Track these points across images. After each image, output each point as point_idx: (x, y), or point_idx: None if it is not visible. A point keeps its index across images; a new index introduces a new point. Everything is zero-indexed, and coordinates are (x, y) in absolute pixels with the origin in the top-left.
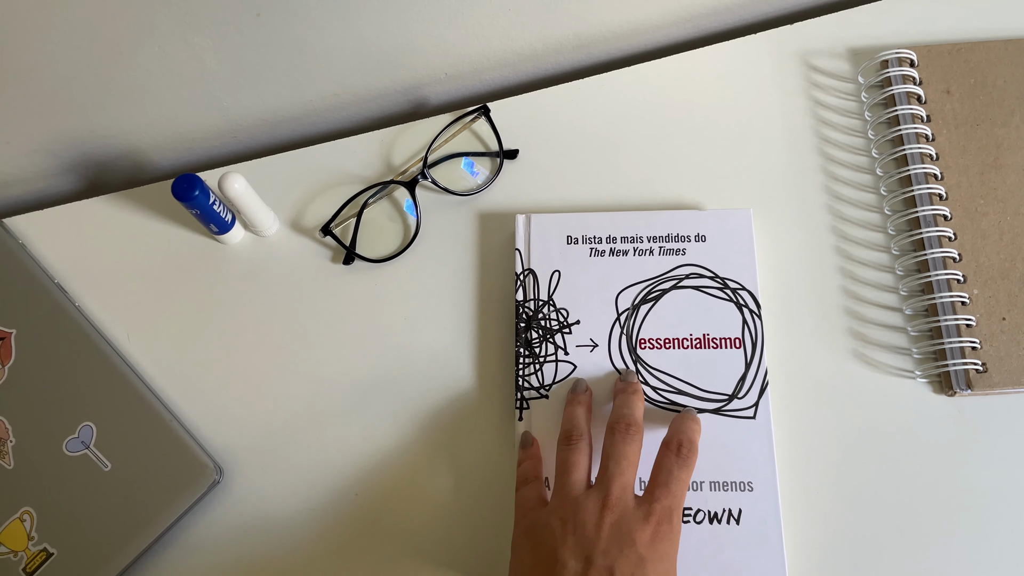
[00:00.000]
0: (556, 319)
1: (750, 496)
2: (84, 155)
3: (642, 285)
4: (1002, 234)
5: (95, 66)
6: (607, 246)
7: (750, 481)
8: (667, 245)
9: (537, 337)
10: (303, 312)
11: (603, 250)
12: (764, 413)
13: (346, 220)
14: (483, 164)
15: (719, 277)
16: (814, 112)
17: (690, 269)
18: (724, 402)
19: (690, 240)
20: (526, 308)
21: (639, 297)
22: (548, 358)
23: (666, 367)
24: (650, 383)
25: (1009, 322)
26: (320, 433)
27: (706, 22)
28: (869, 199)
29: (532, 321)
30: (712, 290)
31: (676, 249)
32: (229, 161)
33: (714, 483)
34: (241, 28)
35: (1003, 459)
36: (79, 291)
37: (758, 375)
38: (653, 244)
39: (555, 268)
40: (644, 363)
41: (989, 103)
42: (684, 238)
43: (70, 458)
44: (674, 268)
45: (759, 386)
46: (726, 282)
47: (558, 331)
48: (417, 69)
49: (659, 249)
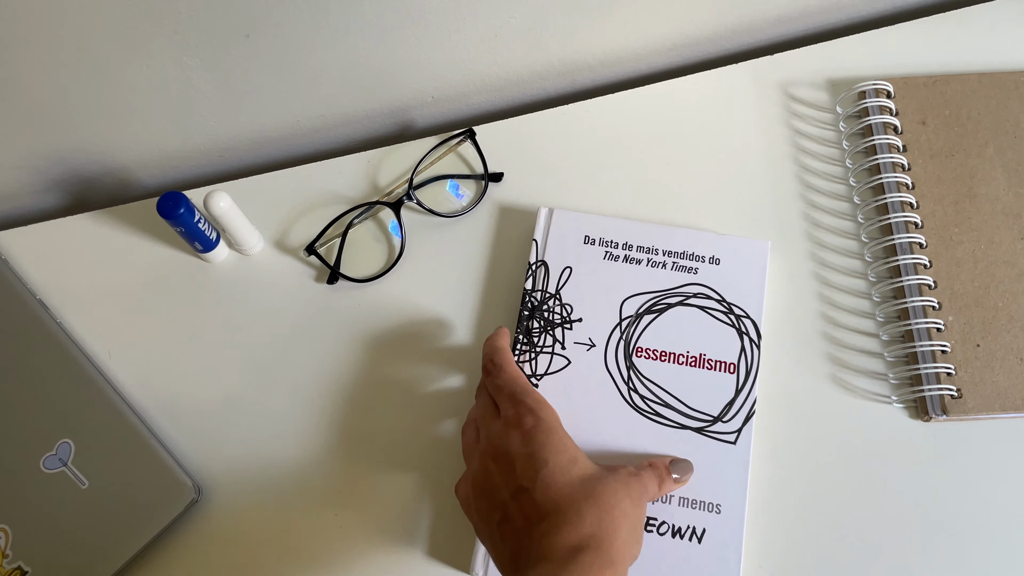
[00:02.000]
0: (560, 313)
1: (716, 518)
2: (69, 172)
3: (649, 296)
4: (976, 262)
5: (83, 83)
6: (622, 252)
7: (719, 504)
8: (680, 262)
9: (538, 327)
10: (286, 331)
11: (618, 255)
12: (745, 441)
13: (331, 240)
14: (468, 187)
15: (725, 302)
16: (793, 141)
17: (698, 289)
18: (708, 423)
19: (704, 261)
20: (532, 297)
21: (644, 307)
22: (545, 349)
23: (658, 379)
24: (639, 391)
25: (983, 348)
26: (300, 453)
27: (688, 52)
28: (847, 226)
29: (536, 311)
30: (716, 313)
31: (689, 267)
32: (215, 179)
33: (683, 499)
34: (229, 48)
35: (978, 484)
36: (61, 308)
37: (746, 403)
38: (667, 258)
39: (567, 264)
40: (637, 370)
41: (963, 134)
42: (699, 258)
43: (48, 475)
44: (683, 285)
45: (745, 414)
46: (732, 307)
47: (559, 325)
48: (404, 92)
49: (672, 264)
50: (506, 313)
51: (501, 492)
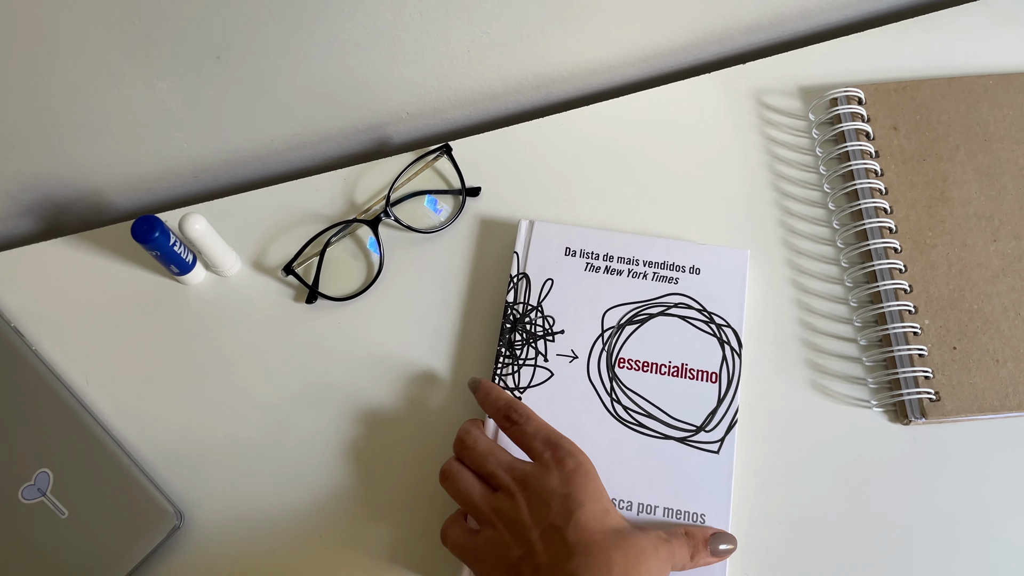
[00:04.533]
0: (542, 325)
1: None
2: (42, 197)
3: (631, 306)
4: (951, 265)
5: (53, 108)
6: (603, 263)
7: (703, 514)
8: (661, 272)
9: (520, 340)
10: (265, 352)
11: (599, 266)
12: (728, 450)
13: (309, 259)
14: (446, 202)
15: (706, 311)
16: (767, 148)
17: (680, 299)
18: (691, 432)
19: (684, 271)
20: (514, 310)
21: (625, 317)
22: (527, 361)
23: (640, 389)
24: (622, 402)
25: (959, 351)
26: (283, 475)
27: (660, 62)
28: (822, 232)
29: (518, 323)
30: (698, 322)
31: (669, 277)
32: (190, 201)
33: (668, 509)
34: (201, 70)
35: (958, 486)
36: (37, 335)
37: (728, 412)
38: (648, 268)
39: (549, 276)
40: (620, 381)
41: (935, 139)
42: (679, 268)
43: (26, 506)
44: (664, 295)
45: (727, 423)
46: (712, 317)
47: (541, 337)
48: (379, 109)
49: (653, 275)
50: (487, 327)
51: (530, 529)
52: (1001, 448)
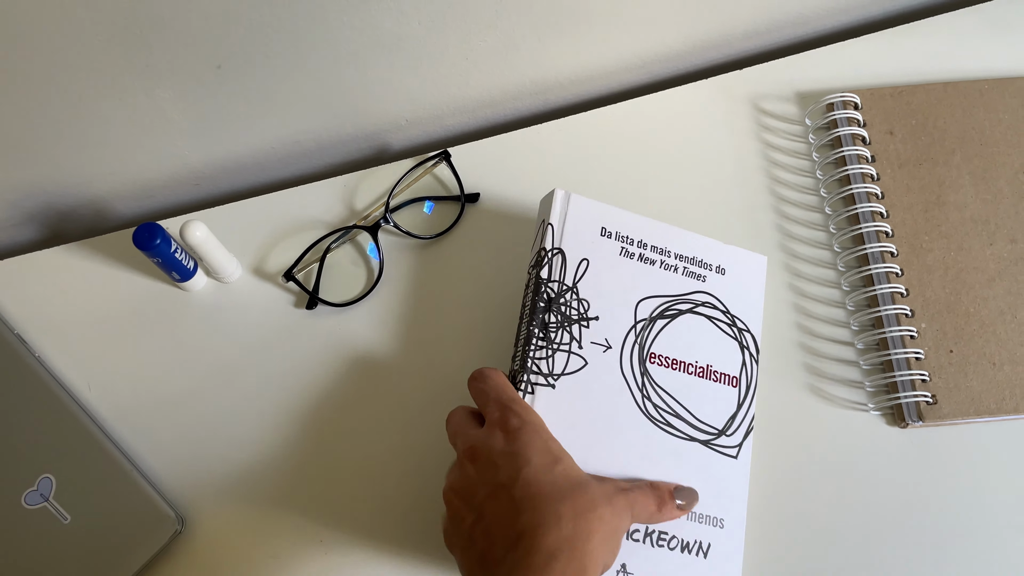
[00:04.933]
0: (577, 309)
1: (720, 533)
2: (44, 205)
3: (663, 299)
4: (947, 269)
5: (55, 118)
6: (638, 250)
7: (722, 518)
8: (691, 267)
9: (555, 322)
10: (266, 358)
11: (633, 253)
12: (745, 456)
13: (309, 265)
14: (445, 207)
15: (730, 313)
16: (764, 153)
17: (706, 297)
18: (713, 436)
19: (711, 269)
20: (549, 288)
21: (657, 311)
22: (562, 346)
23: (670, 387)
24: (652, 399)
25: (956, 354)
26: (283, 480)
27: (658, 68)
28: (819, 237)
29: (552, 303)
30: (721, 324)
31: (698, 274)
32: (191, 208)
33: (693, 514)
34: (202, 79)
35: (955, 488)
36: (39, 341)
37: (746, 418)
38: (679, 262)
39: (584, 256)
40: (650, 377)
41: (931, 143)
42: (707, 265)
43: (29, 511)
44: (693, 292)
45: (745, 428)
46: (735, 320)
47: (576, 321)
48: (378, 116)
49: (683, 269)
50: (487, 330)
51: (478, 492)
52: (998, 451)
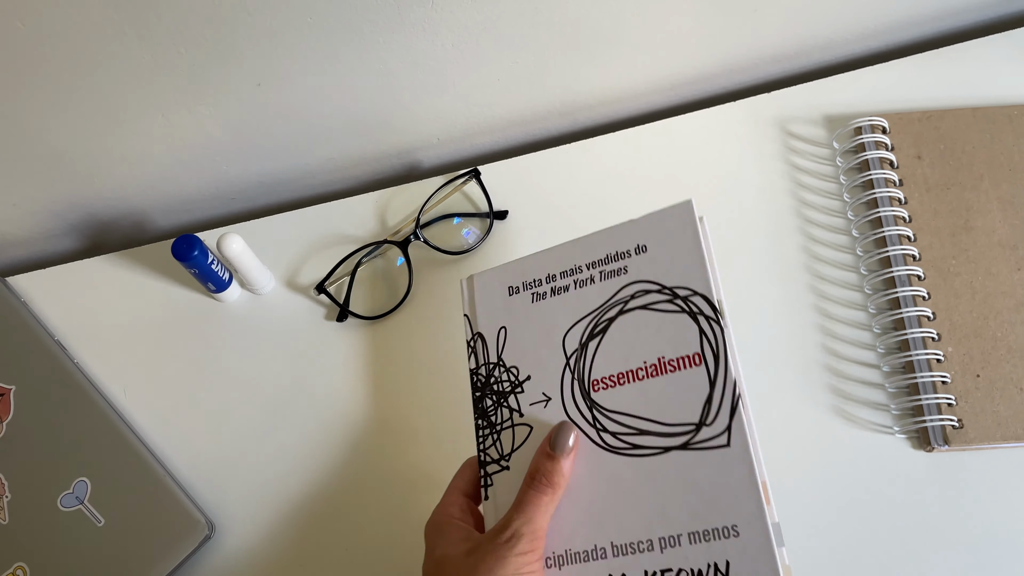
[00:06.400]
0: (508, 379)
1: (736, 543)
2: (87, 216)
3: (587, 320)
4: (974, 293)
5: (100, 132)
6: (547, 287)
7: (734, 524)
8: (607, 267)
9: (492, 404)
10: (297, 368)
11: (544, 292)
12: (739, 437)
13: (340, 278)
14: (474, 224)
15: (667, 288)
16: (791, 176)
17: (635, 287)
18: (691, 433)
19: (630, 255)
20: (479, 375)
21: (586, 334)
22: (504, 424)
23: (623, 407)
24: (609, 428)
25: (983, 379)
26: (311, 488)
27: (686, 90)
28: (846, 259)
29: (485, 388)
30: (661, 304)
31: (617, 269)
32: (227, 222)
33: (692, 534)
34: (242, 96)
35: (981, 514)
36: (78, 348)
37: (726, 392)
38: (593, 271)
39: (501, 324)
40: (600, 407)
41: (959, 168)
42: (624, 255)
43: (64, 513)
44: (618, 291)
45: (728, 405)
46: (675, 292)
47: (510, 392)
48: (410, 134)
49: (600, 275)
50: None
51: None
52: None
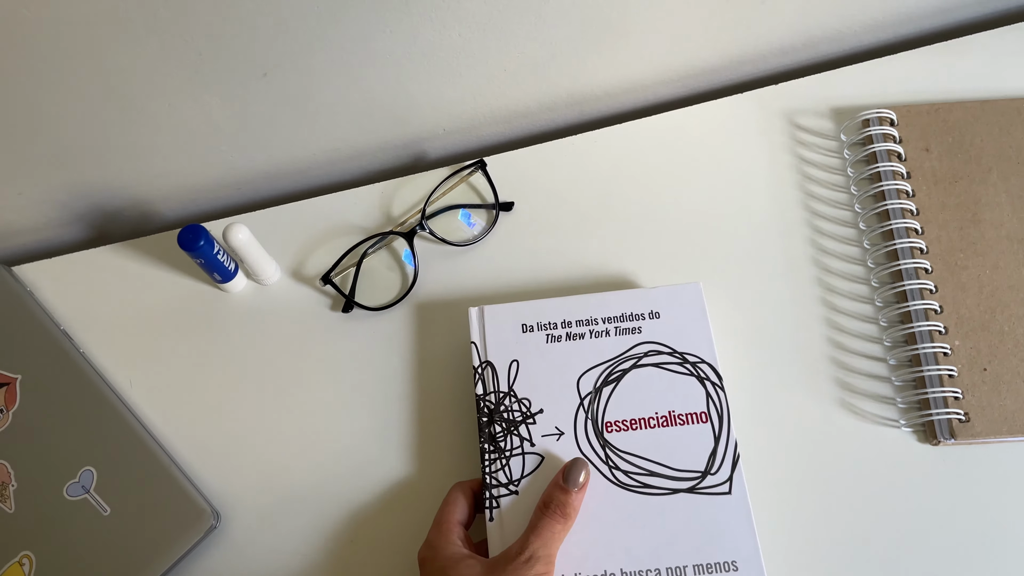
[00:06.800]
0: (519, 410)
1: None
2: (92, 206)
3: (602, 367)
4: (982, 287)
5: (106, 120)
6: (563, 331)
7: (734, 560)
8: (622, 325)
9: (501, 431)
10: (303, 359)
11: (559, 335)
12: (739, 487)
13: (346, 269)
14: (480, 216)
15: (677, 352)
16: (799, 168)
17: (648, 347)
18: (698, 479)
19: (644, 318)
20: (487, 401)
21: (600, 379)
22: (515, 451)
23: (636, 449)
24: (620, 467)
25: (990, 373)
26: (316, 479)
27: (694, 82)
28: (853, 252)
29: (494, 414)
30: (672, 366)
31: (631, 328)
32: (233, 212)
33: (697, 566)
34: (248, 86)
35: (987, 508)
36: (84, 338)
37: (728, 448)
38: (608, 325)
39: (513, 358)
40: (612, 447)
41: (967, 161)
42: (638, 316)
43: (70, 502)
44: (632, 347)
45: (731, 459)
46: (685, 357)
47: (522, 422)
48: (416, 125)
49: (615, 329)
50: None
51: None
52: None
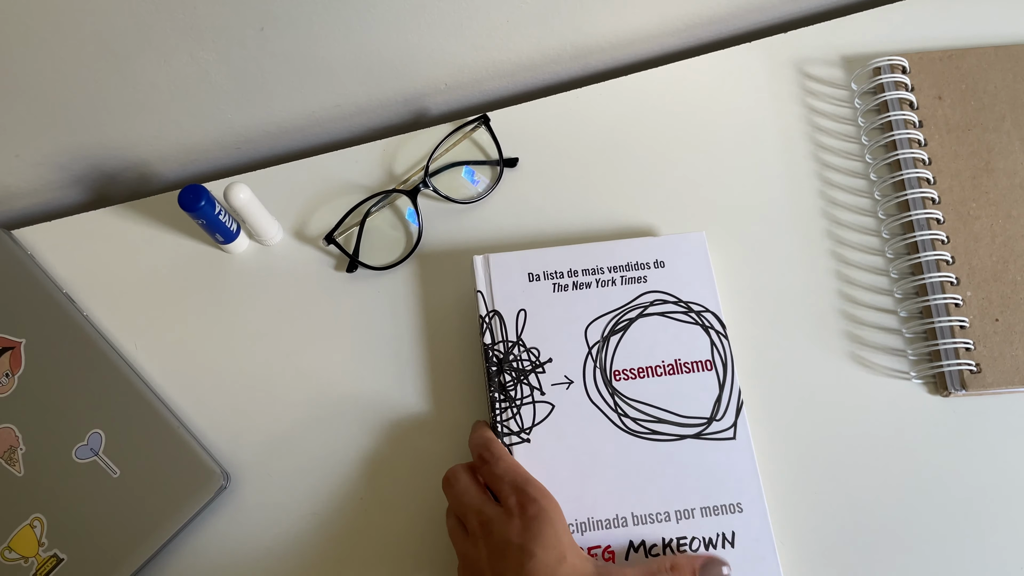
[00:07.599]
0: (528, 359)
1: (741, 517)
2: (91, 167)
3: (609, 316)
4: (994, 237)
5: (102, 80)
6: (569, 280)
7: (739, 502)
8: (628, 274)
9: (511, 379)
10: (307, 319)
11: (566, 284)
12: (743, 432)
13: (349, 229)
14: (484, 172)
15: (682, 301)
16: (808, 119)
17: (654, 296)
18: (704, 425)
19: (649, 267)
20: (495, 351)
21: (607, 328)
22: (525, 400)
23: (644, 396)
24: (630, 414)
25: (1002, 323)
26: (325, 438)
27: (701, 32)
28: (864, 203)
29: (503, 363)
30: (677, 315)
31: (637, 277)
32: (233, 171)
33: (704, 509)
34: (245, 42)
35: (998, 458)
36: (87, 301)
37: (732, 395)
38: (614, 274)
39: (520, 307)
40: (621, 395)
41: (980, 108)
42: (644, 265)
43: (79, 465)
44: (638, 296)
45: (735, 406)
46: (690, 306)
47: (531, 371)
48: (418, 80)
49: (621, 279)
50: None
51: (484, 573)
52: None
